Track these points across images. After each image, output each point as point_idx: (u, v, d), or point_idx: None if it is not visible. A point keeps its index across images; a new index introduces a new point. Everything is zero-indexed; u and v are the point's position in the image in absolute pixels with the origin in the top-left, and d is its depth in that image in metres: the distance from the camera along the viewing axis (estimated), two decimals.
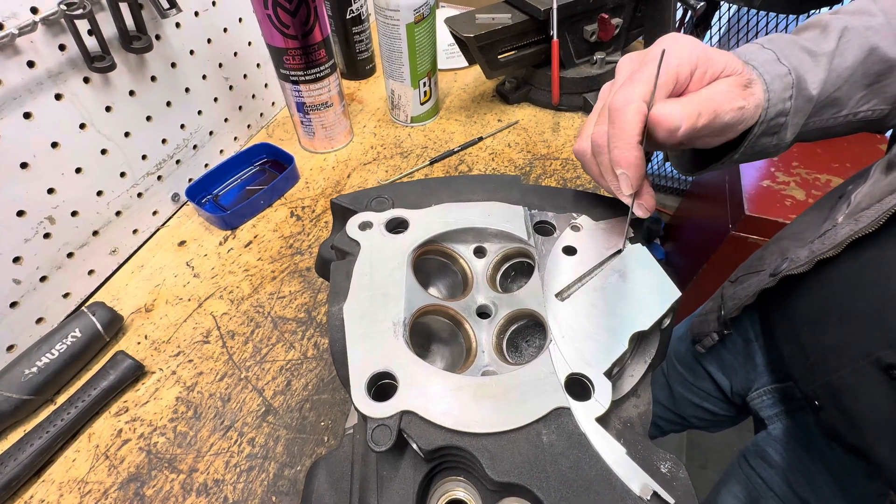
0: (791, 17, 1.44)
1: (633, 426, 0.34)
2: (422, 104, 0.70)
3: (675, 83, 0.31)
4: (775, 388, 0.55)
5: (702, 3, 0.74)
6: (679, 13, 1.56)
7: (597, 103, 0.35)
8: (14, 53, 0.40)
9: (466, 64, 0.81)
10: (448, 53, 0.82)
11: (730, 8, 1.53)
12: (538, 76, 0.73)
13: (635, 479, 0.25)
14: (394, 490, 0.27)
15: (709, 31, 1.61)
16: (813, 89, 0.35)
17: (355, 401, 0.28)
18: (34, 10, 0.40)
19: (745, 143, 0.35)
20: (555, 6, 0.61)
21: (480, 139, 0.69)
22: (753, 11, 1.50)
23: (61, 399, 0.43)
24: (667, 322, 0.34)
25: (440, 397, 0.28)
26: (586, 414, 0.27)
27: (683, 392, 0.68)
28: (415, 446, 0.27)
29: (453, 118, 0.74)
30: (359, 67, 0.81)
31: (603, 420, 0.28)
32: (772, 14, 1.46)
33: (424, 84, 0.68)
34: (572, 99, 0.73)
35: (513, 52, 0.68)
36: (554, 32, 0.63)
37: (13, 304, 0.45)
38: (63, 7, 0.41)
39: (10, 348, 0.45)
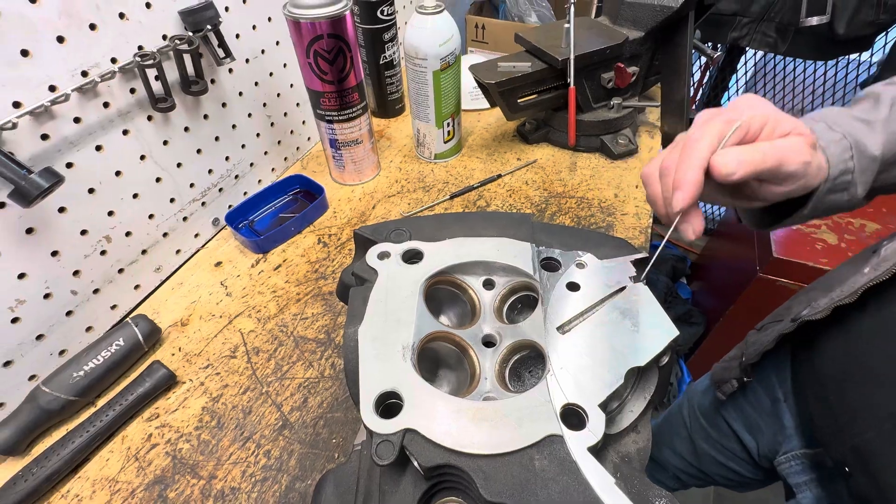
0: (819, 62, 1.45)
1: (630, 461, 0.35)
2: (445, 143, 0.75)
3: (746, 132, 0.33)
4: (805, 454, 0.52)
5: (719, 53, 0.77)
6: (703, 60, 1.59)
7: (673, 142, 0.37)
8: (94, 96, 0.46)
9: (489, 106, 0.86)
10: (472, 96, 0.87)
11: (755, 53, 1.55)
12: (557, 118, 0.76)
13: None
14: None
15: (735, 75, 1.64)
16: (874, 150, 0.37)
17: (363, 416, 0.30)
18: (114, 61, 0.47)
19: (813, 199, 0.37)
20: (572, 57, 0.65)
21: (499, 176, 0.73)
22: (780, 57, 1.52)
23: (101, 402, 0.47)
24: (665, 360, 0.35)
25: (441, 418, 0.30)
26: (578, 443, 0.29)
27: (707, 448, 0.66)
28: (415, 463, 0.29)
29: (475, 156, 0.79)
30: (389, 107, 0.87)
31: (598, 452, 0.30)
32: (798, 59, 1.47)
33: (448, 124, 0.73)
34: (589, 140, 0.76)
35: (532, 97, 0.72)
36: (571, 80, 0.67)
37: (69, 313, 0.50)
38: (138, 58, 0.47)
39: (61, 352, 0.50)
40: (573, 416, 0.30)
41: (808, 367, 0.49)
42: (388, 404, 0.31)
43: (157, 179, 0.55)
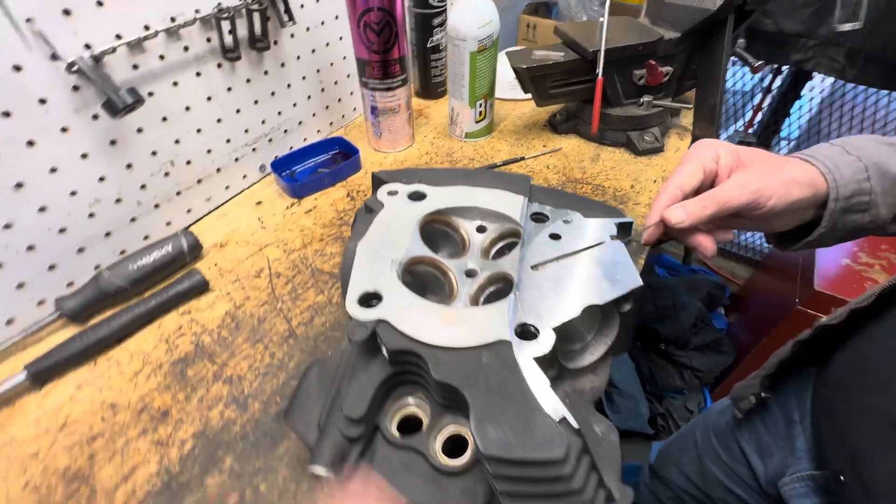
0: (894, 93, 1.37)
1: (582, 394, 0.38)
2: (476, 122, 0.80)
3: (703, 172, 0.38)
4: (811, 476, 0.50)
5: (760, 62, 0.77)
6: (765, 84, 1.53)
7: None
8: (177, 39, 0.55)
9: (525, 96, 0.90)
10: (511, 85, 0.92)
11: (824, 79, 1.48)
12: (587, 111, 0.79)
13: (550, 404, 0.30)
14: (361, 379, 0.34)
15: (798, 101, 1.57)
16: None
17: (347, 305, 0.35)
18: (197, 11, 0.56)
19: (826, 217, 0.38)
20: (602, 49, 0.68)
21: (522, 158, 0.77)
22: (850, 85, 1.45)
23: (147, 294, 0.55)
24: (627, 307, 0.38)
25: (412, 316, 0.35)
26: (524, 350, 0.32)
27: (715, 471, 0.65)
28: (383, 348, 0.34)
29: (504, 139, 0.83)
30: (432, 89, 0.94)
31: (554, 382, 0.33)
32: (871, 89, 1.39)
33: (480, 105, 0.78)
34: (616, 135, 0.79)
35: (563, 87, 0.76)
36: (599, 71, 0.70)
37: (132, 220, 0.59)
38: (216, 11, 0.56)
39: (121, 252, 0.59)
40: (526, 333, 0.34)
41: (819, 380, 0.48)
42: (371, 302, 0.37)
43: (218, 120, 0.64)
